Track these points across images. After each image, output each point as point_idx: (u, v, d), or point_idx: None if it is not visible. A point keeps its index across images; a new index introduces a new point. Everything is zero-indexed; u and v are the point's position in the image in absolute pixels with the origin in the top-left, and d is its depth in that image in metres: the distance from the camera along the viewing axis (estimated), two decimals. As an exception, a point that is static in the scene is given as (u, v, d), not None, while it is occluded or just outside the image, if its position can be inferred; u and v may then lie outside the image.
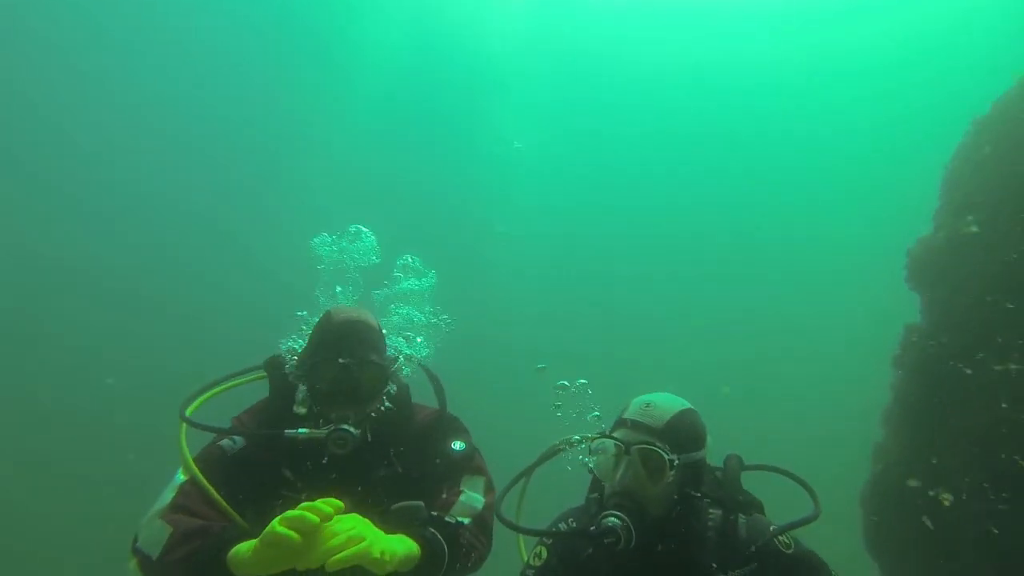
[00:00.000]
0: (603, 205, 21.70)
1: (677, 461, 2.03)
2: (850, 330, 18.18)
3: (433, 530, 2.08)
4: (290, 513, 1.75)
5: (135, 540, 2.07)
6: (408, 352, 2.71)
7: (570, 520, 2.24)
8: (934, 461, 4.72)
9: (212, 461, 2.27)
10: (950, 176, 5.09)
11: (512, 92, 19.72)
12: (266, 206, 19.34)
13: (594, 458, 2.18)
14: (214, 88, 18.64)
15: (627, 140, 21.30)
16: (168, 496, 2.15)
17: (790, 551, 2.03)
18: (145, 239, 18.23)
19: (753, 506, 2.20)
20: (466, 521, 2.26)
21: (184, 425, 2.26)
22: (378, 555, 1.80)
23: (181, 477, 2.21)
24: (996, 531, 4.36)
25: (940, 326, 4.93)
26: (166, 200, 18.51)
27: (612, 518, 1.97)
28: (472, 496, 2.39)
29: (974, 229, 4.27)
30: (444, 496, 2.37)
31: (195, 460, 2.23)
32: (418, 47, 18.56)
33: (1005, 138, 4.29)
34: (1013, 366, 4.05)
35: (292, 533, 1.71)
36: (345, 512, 1.93)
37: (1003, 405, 4.09)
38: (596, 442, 2.19)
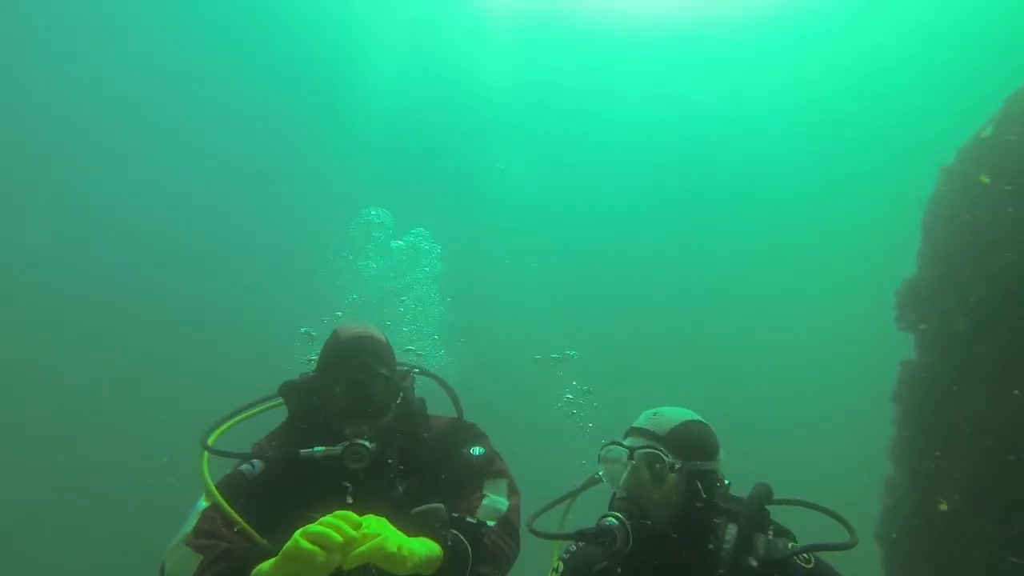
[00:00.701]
0: (600, 230, 22.46)
1: (679, 466, 2.05)
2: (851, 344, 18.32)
3: (456, 531, 2.07)
4: (312, 528, 1.74)
5: (162, 568, 2.12)
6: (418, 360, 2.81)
7: None
8: (936, 495, 4.87)
9: (233, 486, 2.32)
10: (927, 221, 5.40)
11: (506, 125, 20.47)
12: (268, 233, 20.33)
13: (603, 467, 2.18)
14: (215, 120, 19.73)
15: (618, 167, 22.01)
16: (192, 523, 2.19)
17: (809, 566, 1.96)
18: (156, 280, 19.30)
19: (777, 530, 2.12)
20: (490, 523, 2.25)
21: (205, 458, 2.31)
22: (394, 549, 1.79)
23: (203, 504, 2.25)
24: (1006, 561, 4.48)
25: (931, 362, 5.17)
26: (172, 240, 19.64)
27: (610, 518, 1.99)
28: (495, 499, 2.39)
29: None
30: (466, 502, 2.37)
31: (217, 486, 2.27)
32: (414, 85, 19.60)
33: (963, 189, 4.63)
34: (998, 400, 4.27)
35: (316, 549, 1.69)
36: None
37: (991, 438, 4.27)
38: (603, 450, 2.18)
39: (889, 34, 18.13)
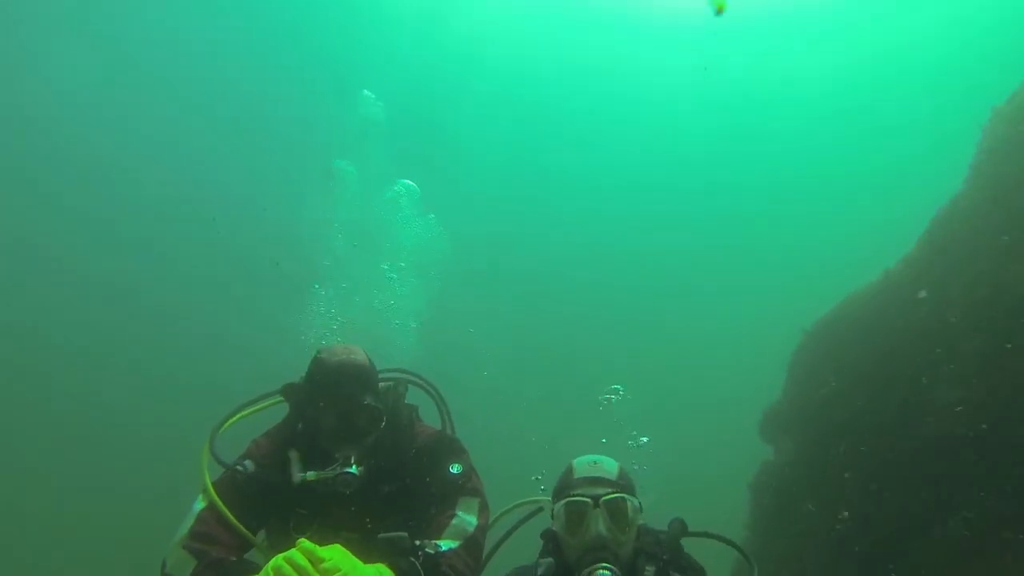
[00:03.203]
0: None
1: (641, 505, 2.13)
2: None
3: (413, 559, 2.22)
4: (286, 571, 1.89)
5: (164, 566, 2.32)
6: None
7: None
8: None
9: (227, 487, 2.47)
10: (793, 369, 7.32)
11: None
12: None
13: (560, 521, 2.14)
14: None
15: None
16: (188, 523, 2.36)
17: None
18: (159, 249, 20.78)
19: (693, 569, 2.18)
20: (456, 544, 2.39)
21: (206, 456, 2.47)
22: None
23: (200, 504, 2.41)
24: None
25: (785, 468, 7.04)
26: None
27: (603, 570, 1.96)
28: (465, 519, 2.50)
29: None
30: (439, 517, 2.51)
31: (213, 486, 2.43)
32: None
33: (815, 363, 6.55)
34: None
35: None
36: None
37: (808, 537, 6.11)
38: (560, 504, 2.15)
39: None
